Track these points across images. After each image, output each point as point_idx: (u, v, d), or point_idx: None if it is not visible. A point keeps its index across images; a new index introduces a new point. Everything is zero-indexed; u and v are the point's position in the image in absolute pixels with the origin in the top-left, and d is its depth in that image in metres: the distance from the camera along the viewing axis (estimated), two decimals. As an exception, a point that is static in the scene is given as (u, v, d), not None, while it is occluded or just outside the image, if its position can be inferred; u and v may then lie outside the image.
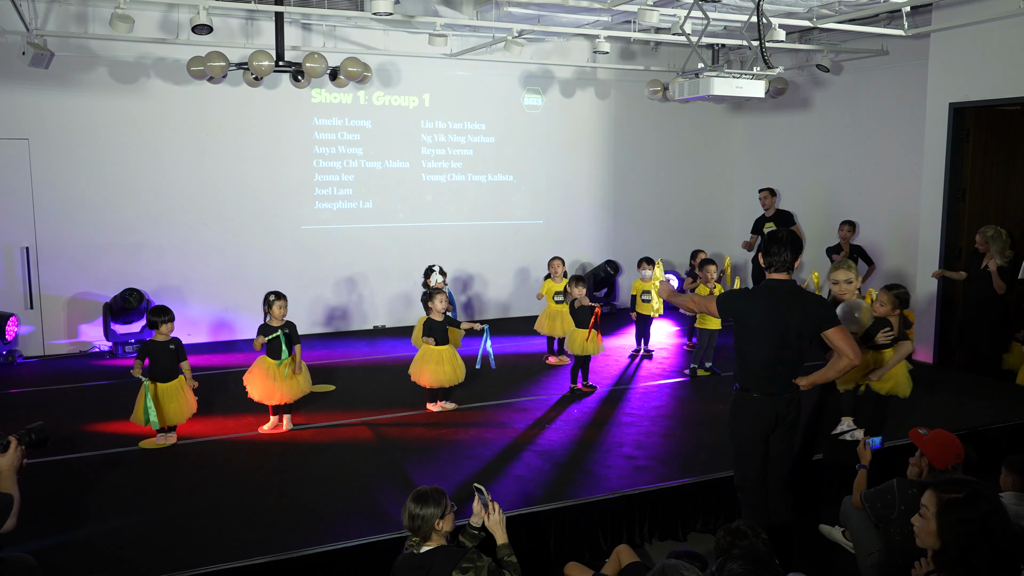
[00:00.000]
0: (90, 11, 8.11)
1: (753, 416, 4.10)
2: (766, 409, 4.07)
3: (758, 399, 4.07)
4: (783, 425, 4.14)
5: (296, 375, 5.95)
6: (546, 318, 8.06)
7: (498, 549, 3.55)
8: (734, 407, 4.19)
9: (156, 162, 8.72)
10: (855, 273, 5.08)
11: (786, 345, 4.01)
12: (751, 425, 4.11)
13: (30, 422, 3.49)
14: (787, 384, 4.09)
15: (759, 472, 4.17)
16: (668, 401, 6.79)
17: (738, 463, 4.23)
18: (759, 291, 4.14)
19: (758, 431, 4.12)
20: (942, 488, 2.75)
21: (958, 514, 2.66)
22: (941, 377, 7.70)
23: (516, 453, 5.54)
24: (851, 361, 3.99)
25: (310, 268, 9.50)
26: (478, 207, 10.37)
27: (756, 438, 4.13)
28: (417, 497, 3.39)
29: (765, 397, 4.06)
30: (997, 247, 7.28)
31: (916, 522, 2.82)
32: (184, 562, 3.97)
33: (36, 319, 8.39)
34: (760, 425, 4.11)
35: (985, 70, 7.56)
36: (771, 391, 4.06)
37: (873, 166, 9.68)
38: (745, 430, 4.14)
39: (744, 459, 4.18)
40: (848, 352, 3.98)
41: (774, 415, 4.09)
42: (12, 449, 3.27)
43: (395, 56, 9.43)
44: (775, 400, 4.07)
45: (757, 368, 4.06)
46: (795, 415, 4.17)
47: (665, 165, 11.35)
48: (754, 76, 6.10)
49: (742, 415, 4.14)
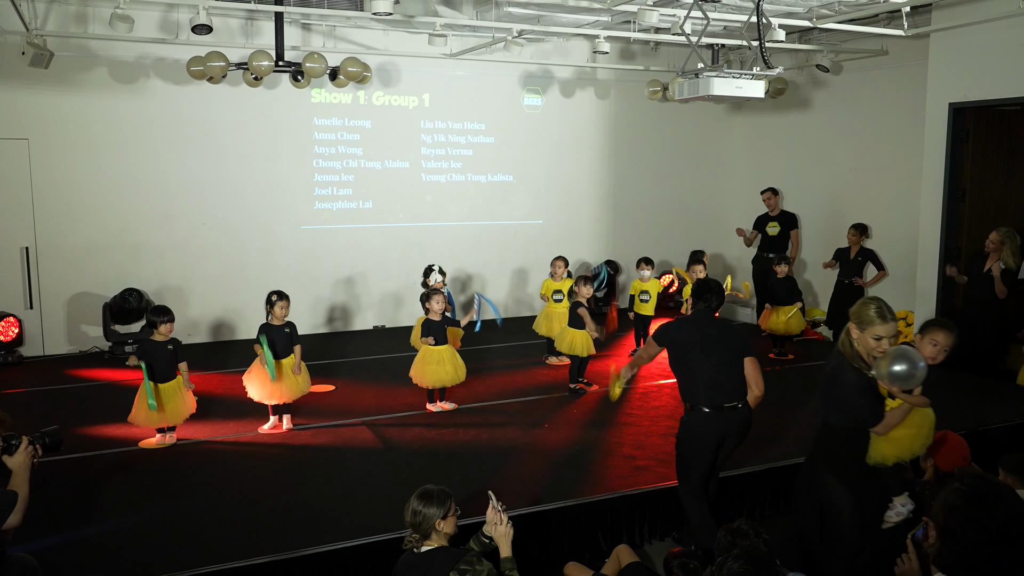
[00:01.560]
0: (90, 11, 8.11)
1: (701, 432, 4.36)
2: (712, 425, 4.34)
3: (708, 413, 4.33)
4: (729, 439, 4.43)
5: (296, 375, 5.96)
6: (545, 318, 8.06)
7: (501, 562, 3.55)
8: (683, 424, 4.47)
9: (156, 162, 8.72)
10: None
11: (721, 359, 4.36)
12: (699, 441, 4.37)
13: (30, 422, 3.51)
14: (730, 396, 4.33)
15: (703, 480, 4.48)
16: (668, 401, 6.79)
17: (684, 476, 4.48)
18: (685, 321, 4.70)
19: (706, 446, 4.38)
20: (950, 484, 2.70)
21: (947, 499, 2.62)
22: (941, 377, 7.69)
23: (516, 453, 5.54)
24: (758, 395, 4.36)
25: (310, 268, 9.50)
26: (478, 207, 10.37)
27: (704, 450, 4.38)
28: (422, 494, 3.40)
29: (714, 411, 4.32)
30: (1010, 248, 7.26)
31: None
32: (184, 562, 3.97)
33: (36, 319, 8.39)
34: (708, 441, 4.37)
35: (985, 70, 7.55)
36: (717, 403, 4.32)
37: (873, 166, 9.68)
38: (693, 445, 4.40)
39: (692, 470, 4.43)
40: (756, 386, 4.36)
41: (719, 431, 4.36)
42: (23, 449, 3.38)
43: (395, 56, 9.43)
44: (721, 415, 4.32)
45: (701, 382, 4.35)
46: (742, 429, 4.42)
47: (665, 165, 11.34)
48: (754, 76, 6.10)
49: (691, 431, 4.40)
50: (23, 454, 3.37)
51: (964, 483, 2.64)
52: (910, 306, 8.73)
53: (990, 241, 7.39)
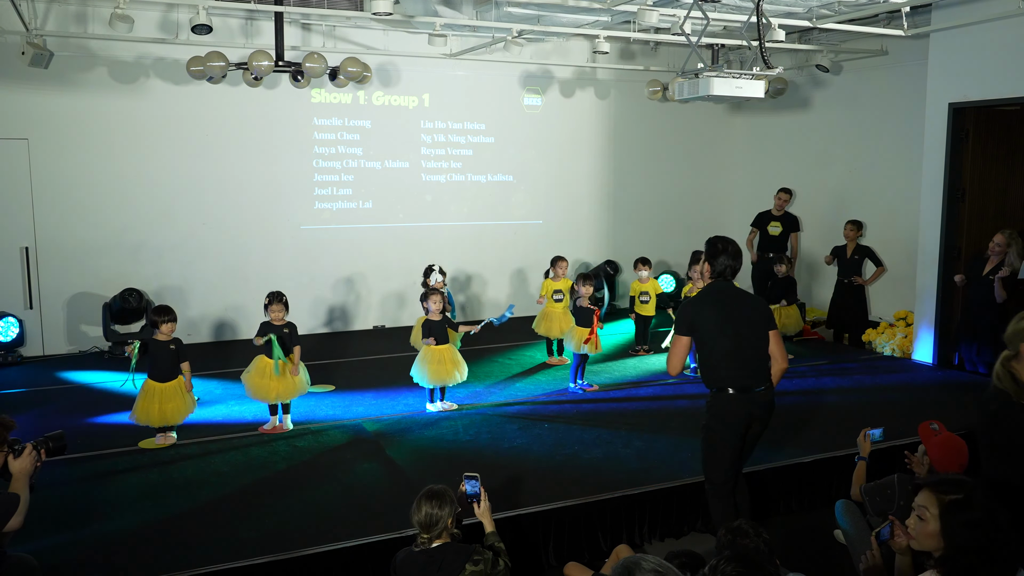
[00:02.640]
0: (90, 11, 8.11)
1: (729, 413, 4.18)
2: (740, 407, 4.16)
3: (733, 395, 4.15)
4: (755, 425, 4.26)
5: (295, 375, 5.96)
6: (544, 318, 8.06)
7: (487, 536, 3.58)
8: (710, 407, 4.27)
9: (156, 162, 8.72)
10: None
11: (744, 338, 4.16)
12: (728, 422, 4.19)
13: (30, 423, 3.53)
14: (756, 378, 4.18)
15: (731, 471, 4.27)
16: (668, 401, 6.79)
17: (712, 465, 4.29)
18: (704, 296, 4.31)
19: (734, 429, 4.19)
20: (940, 489, 2.70)
21: (962, 516, 2.60)
22: (941, 377, 7.71)
23: (516, 453, 5.54)
24: (784, 367, 4.21)
25: (310, 268, 9.50)
26: (477, 207, 10.37)
27: (733, 435, 4.20)
28: (434, 496, 3.39)
29: (739, 393, 4.15)
30: (1017, 250, 7.17)
31: (913, 524, 2.75)
32: (184, 562, 3.97)
33: (36, 319, 8.39)
34: (736, 423, 4.18)
35: (985, 70, 7.55)
36: (743, 385, 4.15)
37: (873, 166, 9.68)
38: (722, 428, 4.20)
39: (719, 459, 4.25)
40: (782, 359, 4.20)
41: (747, 414, 4.19)
42: (26, 454, 3.44)
43: (395, 56, 9.43)
44: (748, 397, 4.16)
45: (724, 363, 4.17)
46: (767, 416, 4.28)
47: (665, 165, 11.34)
48: (754, 76, 6.10)
49: (719, 413, 4.21)
50: (27, 459, 3.43)
51: (967, 497, 2.64)
52: (910, 306, 8.73)
53: (995, 244, 7.26)
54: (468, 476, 3.68)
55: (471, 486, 3.62)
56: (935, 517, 2.66)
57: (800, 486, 5.36)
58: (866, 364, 8.20)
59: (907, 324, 8.75)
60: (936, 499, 2.68)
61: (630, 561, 2.60)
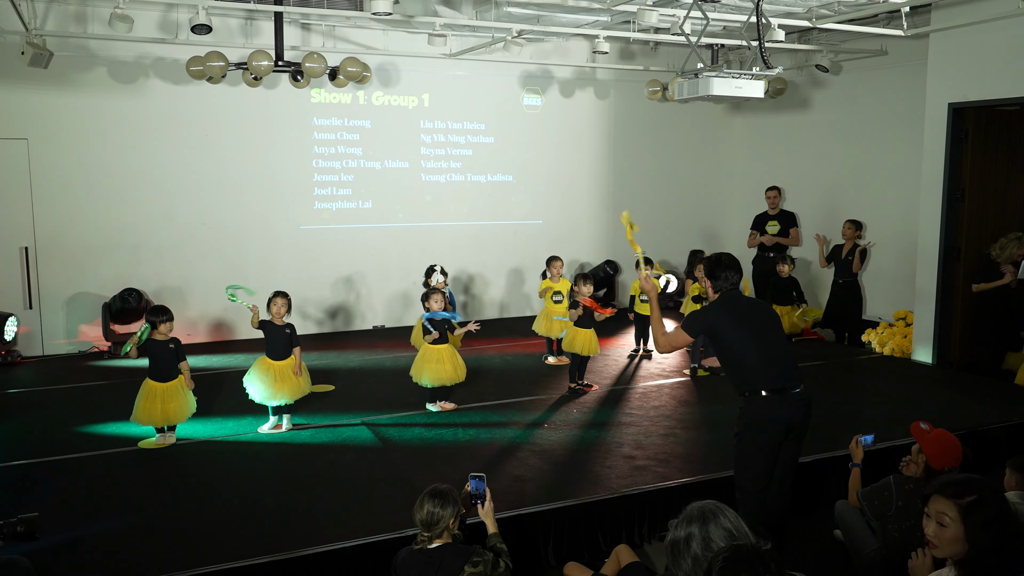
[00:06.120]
0: (89, 11, 8.11)
1: (763, 417, 4.06)
2: (777, 409, 4.05)
3: (767, 397, 4.05)
4: (794, 432, 4.14)
5: (296, 376, 5.97)
6: (544, 318, 8.06)
7: (490, 537, 3.58)
8: (744, 413, 4.15)
9: (155, 162, 8.72)
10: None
11: (768, 341, 4.13)
12: (761, 426, 4.07)
13: (29, 423, 3.49)
14: (787, 379, 4.09)
15: (765, 479, 4.14)
16: (668, 401, 6.79)
17: (745, 470, 4.16)
18: (718, 305, 4.24)
19: (768, 433, 4.07)
20: (954, 492, 2.64)
21: (980, 515, 2.57)
22: (941, 377, 7.71)
23: (516, 453, 5.54)
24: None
25: (310, 268, 9.50)
26: (477, 207, 10.37)
27: (769, 442, 4.09)
28: (438, 495, 3.38)
29: (773, 394, 4.04)
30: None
31: (934, 532, 2.67)
32: (184, 562, 3.97)
33: (35, 319, 8.39)
34: (769, 426, 4.06)
35: (984, 70, 7.56)
36: (776, 386, 4.05)
37: (872, 166, 9.69)
38: (755, 432, 4.08)
39: (753, 465, 4.12)
40: None
41: (786, 419, 4.06)
42: None
43: (394, 56, 9.43)
44: (783, 399, 4.05)
45: (754, 365, 4.07)
46: (805, 422, 4.17)
47: (665, 165, 11.35)
48: (753, 76, 6.10)
49: (754, 417, 4.09)
50: None
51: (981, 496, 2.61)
52: (909, 306, 8.73)
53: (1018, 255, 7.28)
54: (474, 475, 3.68)
55: (476, 485, 3.62)
56: (957, 521, 2.60)
57: (800, 486, 5.35)
58: (865, 364, 8.20)
59: (907, 324, 8.75)
60: (954, 503, 2.62)
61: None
